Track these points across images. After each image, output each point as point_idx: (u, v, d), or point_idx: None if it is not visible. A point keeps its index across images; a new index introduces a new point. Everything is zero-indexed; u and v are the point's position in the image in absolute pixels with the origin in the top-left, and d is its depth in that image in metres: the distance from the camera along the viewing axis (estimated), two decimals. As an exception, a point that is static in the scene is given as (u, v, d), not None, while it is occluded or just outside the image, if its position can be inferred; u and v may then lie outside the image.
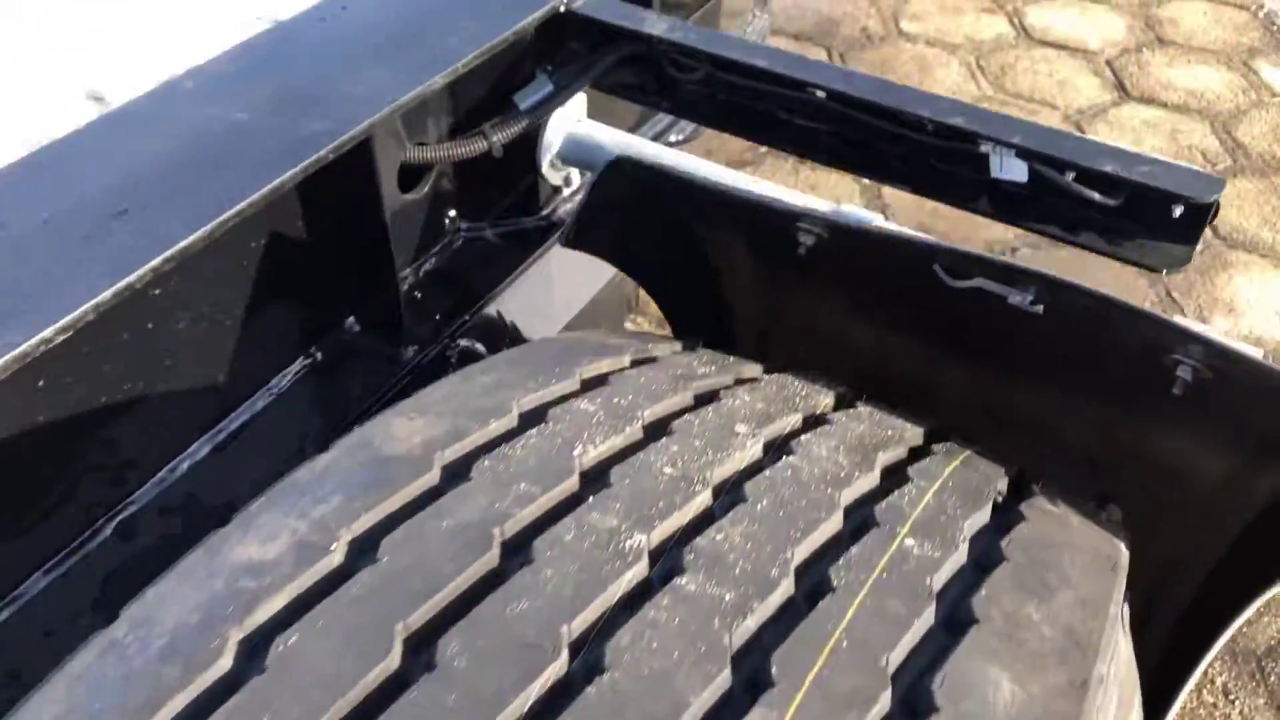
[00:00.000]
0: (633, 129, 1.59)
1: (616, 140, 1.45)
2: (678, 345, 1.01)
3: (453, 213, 1.47)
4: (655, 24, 1.31)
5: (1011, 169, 1.20)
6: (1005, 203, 1.22)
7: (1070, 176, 1.16)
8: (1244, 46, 4.44)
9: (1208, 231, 3.79)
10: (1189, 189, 1.10)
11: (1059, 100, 4.17)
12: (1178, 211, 1.12)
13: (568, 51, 1.41)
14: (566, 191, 1.56)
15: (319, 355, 1.31)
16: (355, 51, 1.23)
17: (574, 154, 1.47)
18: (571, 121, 1.48)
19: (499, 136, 1.35)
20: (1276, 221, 3.74)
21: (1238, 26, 4.56)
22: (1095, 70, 4.33)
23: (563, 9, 1.35)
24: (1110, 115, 4.11)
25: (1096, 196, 1.13)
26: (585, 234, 1.09)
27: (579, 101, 1.48)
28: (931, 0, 4.69)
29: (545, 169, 1.49)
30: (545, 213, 1.55)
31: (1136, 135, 4.02)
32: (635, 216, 1.11)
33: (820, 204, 1.37)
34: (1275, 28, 4.58)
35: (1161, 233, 1.15)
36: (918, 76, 4.25)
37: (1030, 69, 4.34)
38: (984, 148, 1.19)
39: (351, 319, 1.35)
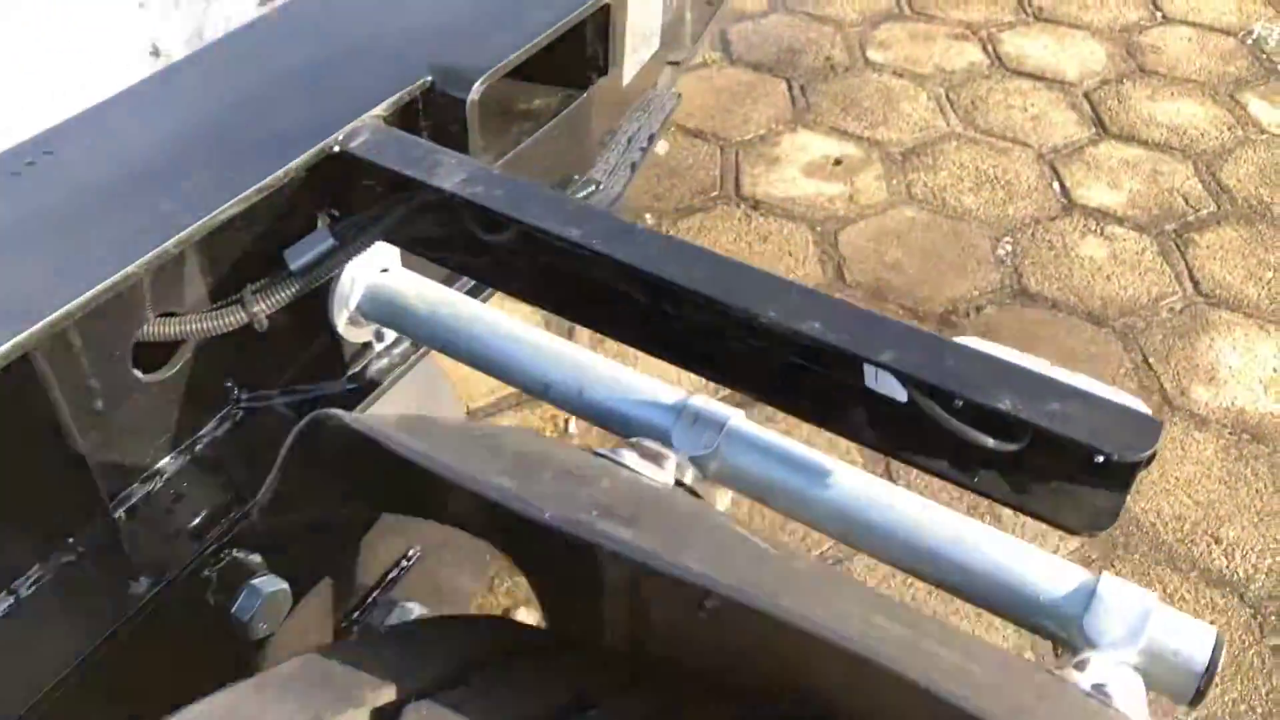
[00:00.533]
0: (452, 278, 1.30)
1: (426, 296, 1.16)
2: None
3: (229, 382, 1.19)
4: (449, 173, 1.02)
5: (889, 383, 0.92)
6: (886, 426, 0.93)
7: (959, 404, 0.88)
8: (1230, 77, 4.15)
9: (1189, 287, 3.52)
10: (1112, 440, 0.81)
11: (1032, 138, 3.88)
12: (1099, 460, 0.84)
13: (361, 192, 1.12)
14: (379, 347, 1.28)
15: (21, 593, 1.03)
16: (39, 225, 0.94)
17: (376, 311, 1.19)
18: (374, 270, 1.19)
19: (262, 305, 1.07)
20: (1263, 275, 3.46)
21: (1224, 54, 4.27)
22: (1072, 104, 4.04)
23: (336, 149, 1.06)
24: (1087, 154, 3.83)
25: (990, 442, 0.85)
26: (293, 507, 0.82)
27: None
28: (901, 26, 4.39)
29: (343, 327, 1.20)
30: (351, 373, 1.27)
31: (1114, 176, 3.74)
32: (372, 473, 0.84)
33: (666, 392, 1.09)
34: (1263, 55, 4.29)
35: (1079, 481, 0.87)
36: (883, 110, 3.97)
37: (1004, 102, 4.05)
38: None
39: (73, 538, 1.07)
